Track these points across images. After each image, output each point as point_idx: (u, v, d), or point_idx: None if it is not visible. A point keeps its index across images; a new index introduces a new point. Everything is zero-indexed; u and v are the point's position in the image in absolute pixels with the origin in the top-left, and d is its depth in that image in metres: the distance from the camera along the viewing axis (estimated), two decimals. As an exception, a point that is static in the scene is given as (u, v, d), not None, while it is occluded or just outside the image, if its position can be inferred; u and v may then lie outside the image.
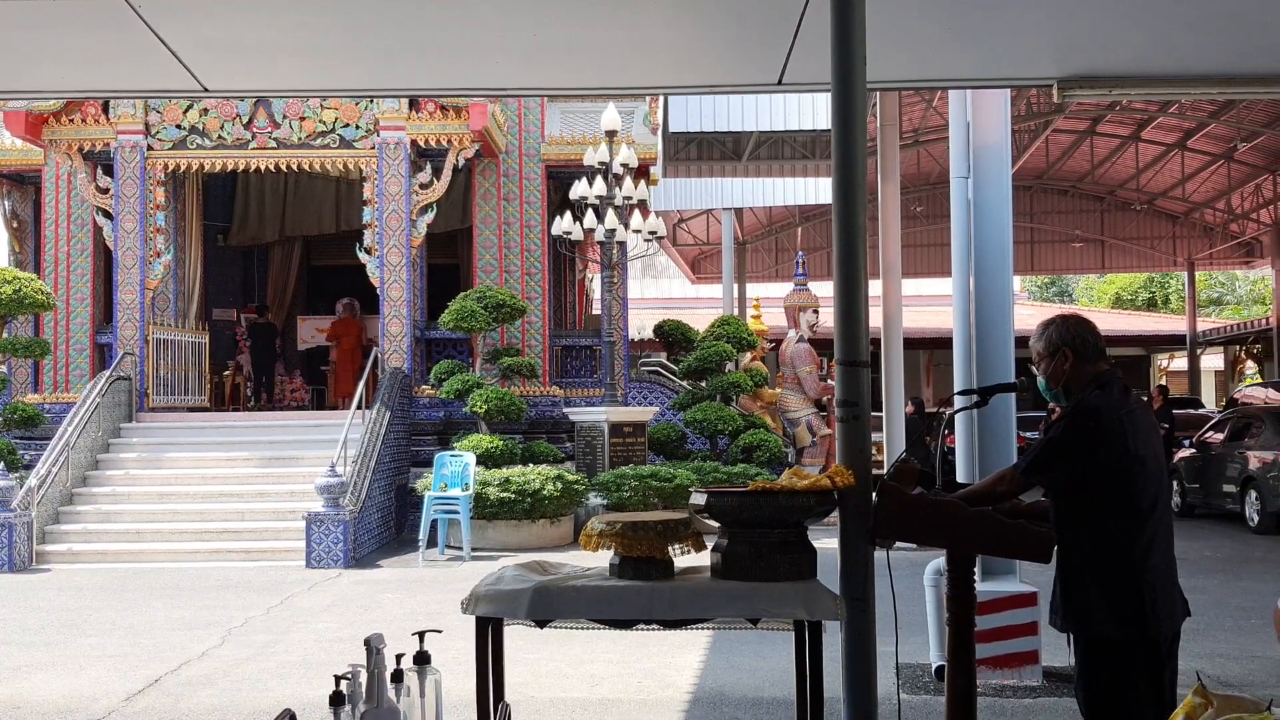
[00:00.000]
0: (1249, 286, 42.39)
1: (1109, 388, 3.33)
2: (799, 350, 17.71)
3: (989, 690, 5.83)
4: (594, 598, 3.43)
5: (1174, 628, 3.30)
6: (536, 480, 12.52)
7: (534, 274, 17.02)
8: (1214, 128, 24.01)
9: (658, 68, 4.63)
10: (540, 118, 17.15)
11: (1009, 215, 6.27)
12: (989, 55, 4.40)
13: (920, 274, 28.83)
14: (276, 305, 19.57)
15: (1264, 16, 4.00)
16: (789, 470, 3.71)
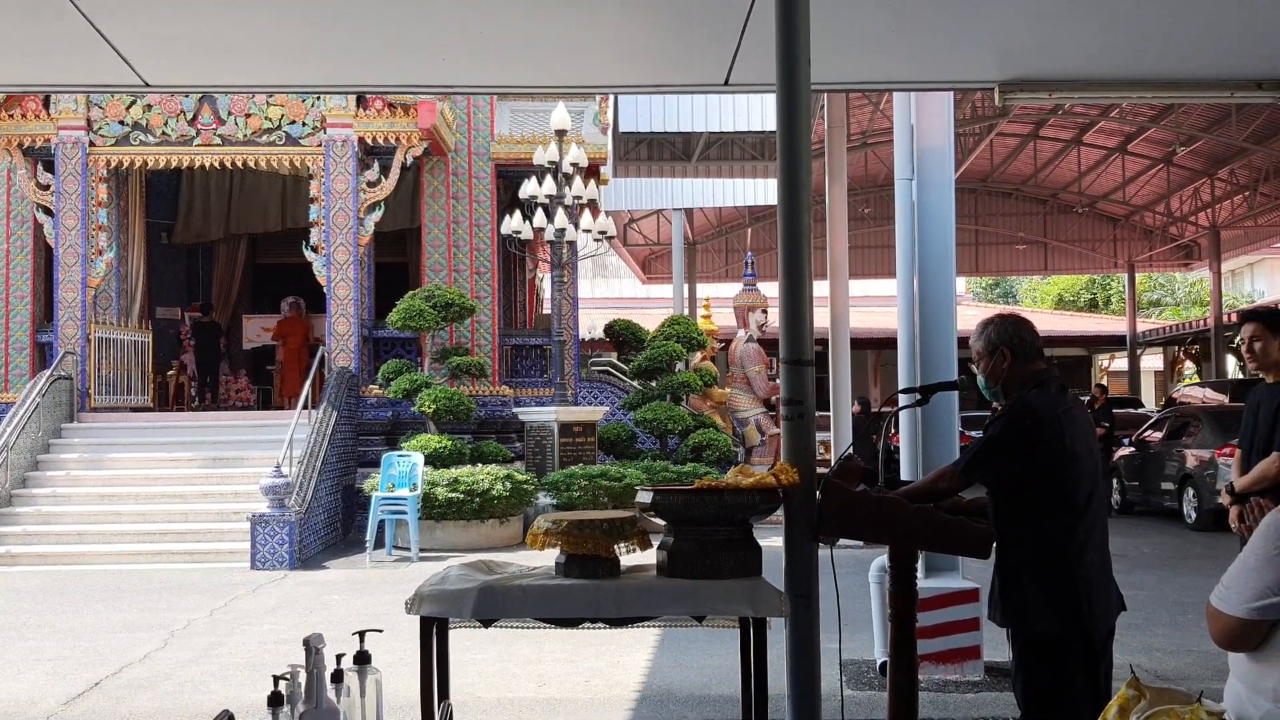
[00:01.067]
0: (1188, 288, 43.27)
1: (1046, 386, 3.39)
2: (748, 350, 17.82)
3: (932, 685, 5.91)
4: (539, 597, 3.43)
5: (1109, 623, 3.36)
6: (485, 480, 12.48)
7: (483, 273, 16.96)
8: (1154, 132, 24.49)
9: (606, 67, 4.64)
10: (489, 116, 17.09)
11: (952, 217, 6.35)
12: (932, 58, 4.46)
13: (868, 275, 29.11)
14: (221, 304, 19.33)
15: (1201, 22, 4.09)
16: (735, 468, 3.73)
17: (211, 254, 19.58)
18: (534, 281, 22.44)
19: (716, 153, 17.76)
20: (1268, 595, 2.19)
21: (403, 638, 4.05)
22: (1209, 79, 4.67)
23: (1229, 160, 25.61)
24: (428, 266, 16.78)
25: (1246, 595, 2.23)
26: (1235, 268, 39.01)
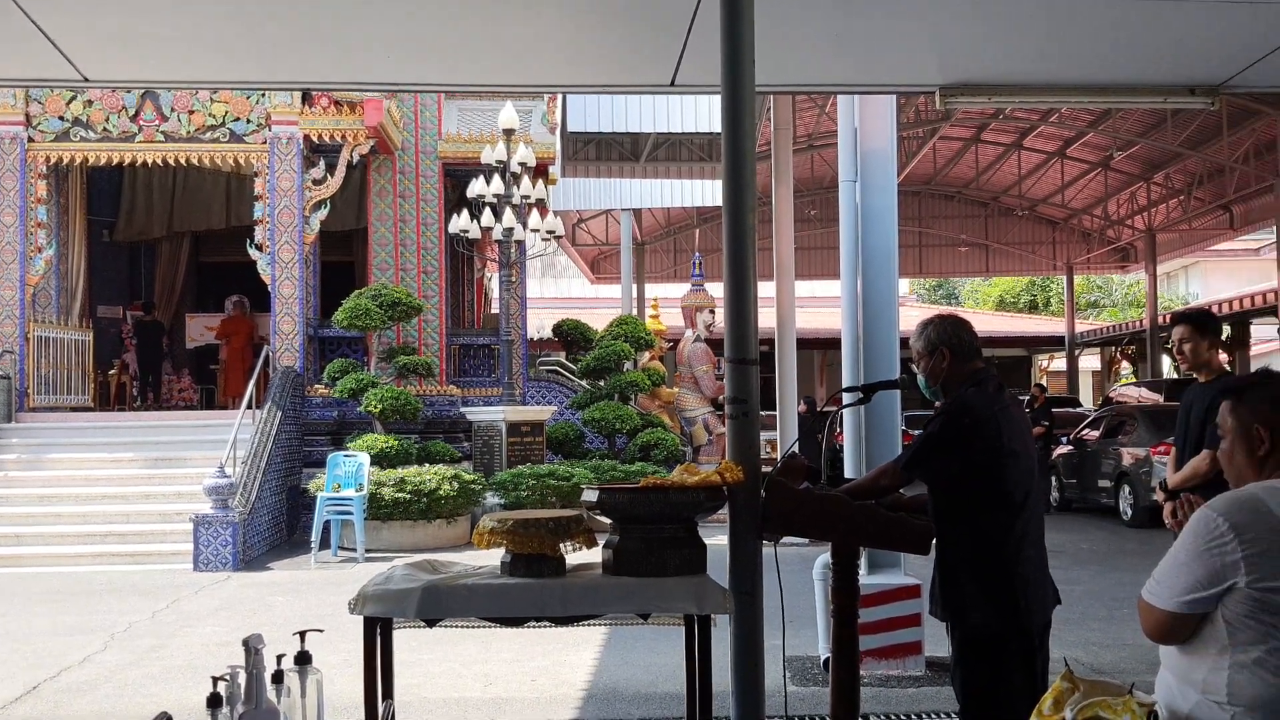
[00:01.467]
0: (1124, 290, 44.09)
1: (984, 385, 3.46)
2: (696, 350, 17.91)
3: (874, 681, 5.99)
4: (485, 596, 3.43)
5: (1045, 617, 3.43)
6: (432, 480, 12.43)
7: (430, 272, 16.86)
8: (1092, 137, 24.93)
9: (553, 66, 4.66)
10: (437, 115, 17.00)
11: (894, 218, 6.44)
12: (875, 62, 4.53)
13: (814, 276, 29.35)
14: (164, 302, 19.03)
15: (1136, 30, 4.19)
16: (680, 467, 3.77)
17: (154, 252, 19.27)
18: (482, 281, 22.36)
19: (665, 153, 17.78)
20: (1197, 589, 2.25)
21: (348, 639, 4.03)
22: (1144, 84, 4.79)
23: (1164, 165, 26.14)
24: (374, 265, 16.65)
25: (1177, 589, 2.28)
26: (1170, 270, 39.82)
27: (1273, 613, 2.15)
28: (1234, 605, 2.21)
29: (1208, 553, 2.23)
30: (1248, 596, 2.18)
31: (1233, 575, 2.19)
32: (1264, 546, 2.17)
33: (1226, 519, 2.23)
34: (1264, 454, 2.36)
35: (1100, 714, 2.27)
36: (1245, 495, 2.28)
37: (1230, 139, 22.49)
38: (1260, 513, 2.21)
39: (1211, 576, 2.22)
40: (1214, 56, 4.42)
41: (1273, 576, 2.16)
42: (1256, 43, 4.22)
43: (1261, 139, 22.51)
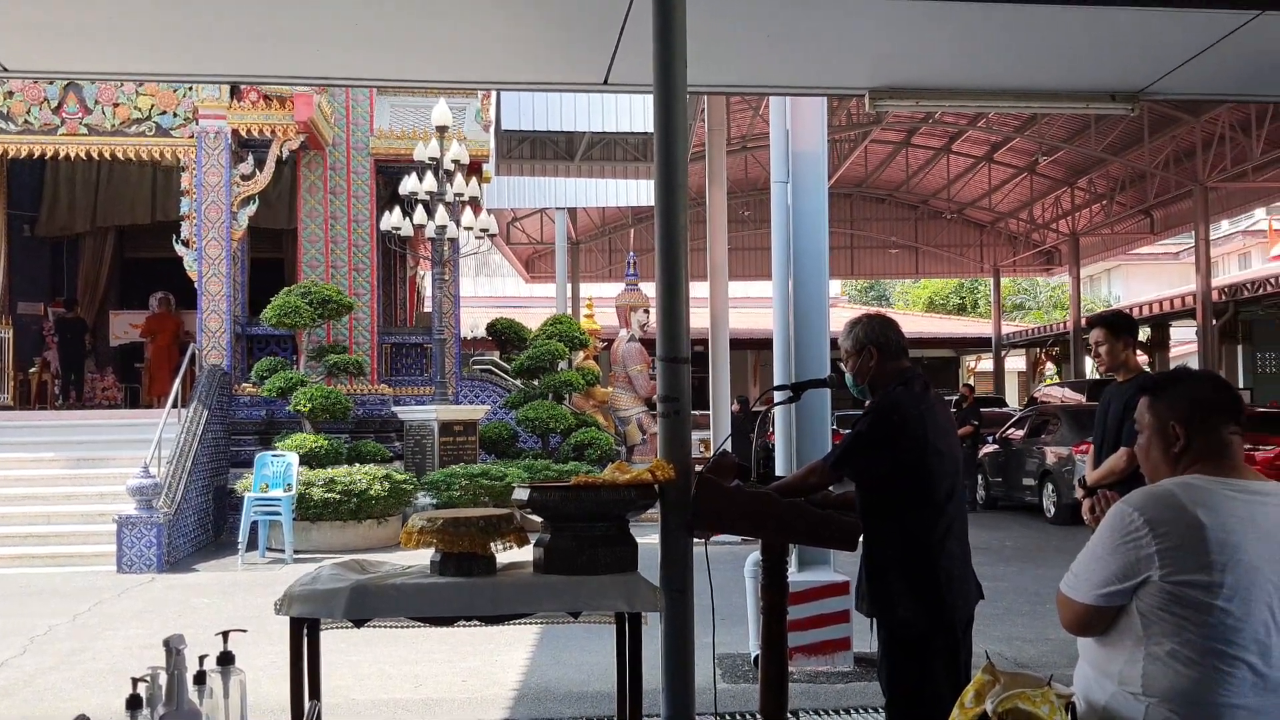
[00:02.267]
0: (1049, 292, 45.04)
1: (911, 384, 3.51)
2: (630, 349, 17.94)
3: (803, 677, 6.06)
4: (414, 596, 3.41)
5: (969, 611, 3.50)
6: (363, 480, 12.29)
7: (362, 270, 16.67)
8: (1018, 142, 25.44)
9: (486, 62, 4.63)
10: (369, 111, 16.82)
11: (825, 219, 6.51)
12: (806, 64, 4.58)
13: (748, 277, 29.55)
14: (87, 299, 18.58)
15: (1060, 37, 4.29)
16: (612, 465, 3.77)
17: (77, 247, 18.80)
18: (415, 279, 22.17)
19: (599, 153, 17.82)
20: (1112, 583, 2.30)
21: (274, 641, 3.98)
22: (1067, 90, 4.91)
23: (1088, 170, 26.76)
24: (304, 262, 16.42)
25: (1094, 583, 2.34)
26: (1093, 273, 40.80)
27: (1185, 606, 2.21)
28: (1148, 598, 2.25)
29: (1123, 547, 2.28)
30: (1161, 590, 2.23)
31: (1147, 569, 2.24)
32: (1177, 541, 2.22)
33: (1142, 514, 2.28)
34: (1179, 450, 2.41)
35: (1020, 705, 2.31)
36: (1160, 491, 2.33)
37: (1151, 145, 23.09)
38: (1175, 508, 2.26)
39: (1127, 570, 2.27)
40: (1134, 64, 4.53)
41: (1186, 570, 2.21)
42: (1174, 51, 4.34)
43: (1181, 146, 23.15)
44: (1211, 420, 2.40)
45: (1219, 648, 2.17)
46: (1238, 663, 2.16)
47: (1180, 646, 2.21)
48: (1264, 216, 34.39)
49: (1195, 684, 2.18)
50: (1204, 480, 2.33)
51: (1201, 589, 2.19)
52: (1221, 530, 2.21)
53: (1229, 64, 4.41)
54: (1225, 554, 2.19)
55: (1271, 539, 2.23)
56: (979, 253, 33.46)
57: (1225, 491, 2.29)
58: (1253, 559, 2.20)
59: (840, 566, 6.38)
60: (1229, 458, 2.38)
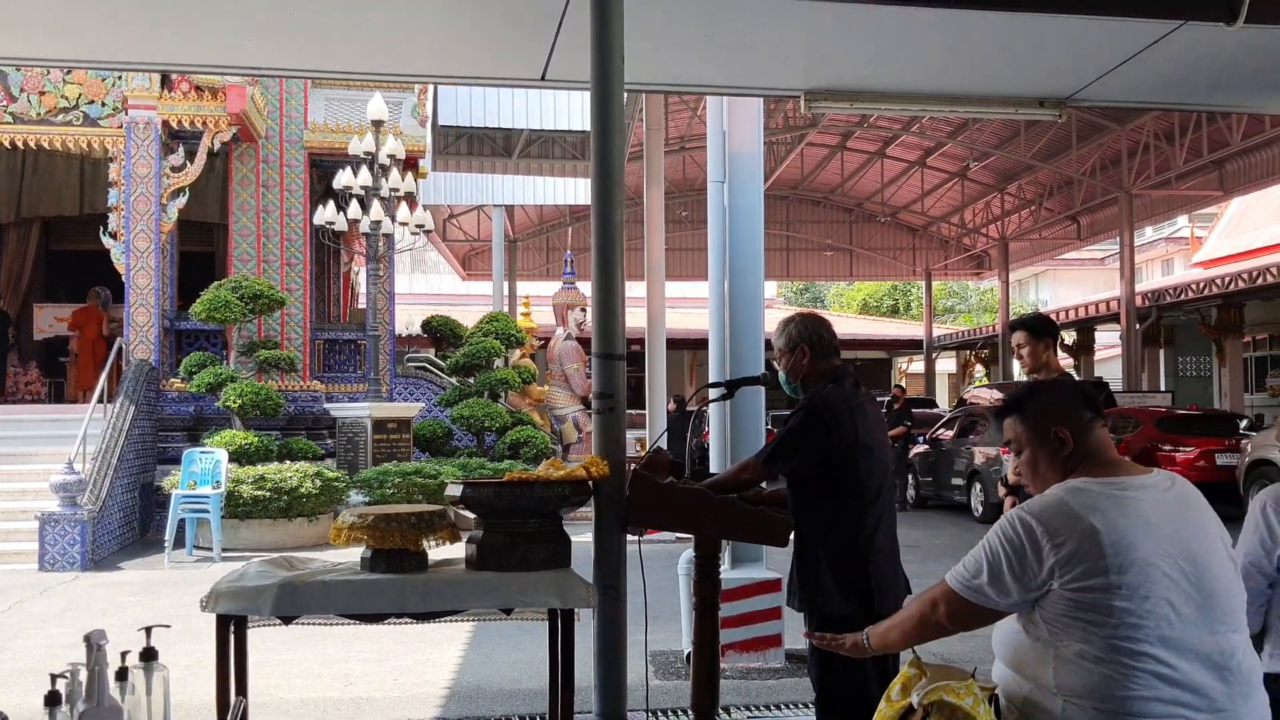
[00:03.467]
0: (979, 296, 45.84)
1: (842, 382, 3.56)
2: (567, 348, 17.92)
3: (735, 673, 6.10)
4: (343, 592, 3.36)
5: (896, 604, 3.53)
6: (294, 477, 12.13)
7: (294, 264, 16.45)
8: (950, 147, 25.85)
9: (422, 55, 4.59)
10: (303, 103, 16.59)
11: (761, 219, 6.56)
12: (742, 64, 4.60)
13: (685, 277, 29.67)
14: (10, 292, 18.11)
15: (991, 43, 4.36)
16: (546, 461, 3.77)
17: (1, 239, 18.31)
18: (349, 275, 21.92)
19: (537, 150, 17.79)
20: (1012, 593, 2.31)
21: (200, 640, 3.90)
22: (997, 95, 5.00)
23: (1017, 176, 27.27)
24: (235, 256, 16.16)
25: (991, 587, 2.34)
26: (1022, 278, 41.57)
27: (1087, 609, 2.23)
28: (1051, 606, 2.28)
29: (1023, 558, 2.29)
30: (1062, 597, 2.26)
31: (1049, 580, 2.27)
32: (1074, 548, 2.25)
33: (1040, 524, 2.30)
34: (1068, 454, 2.43)
35: (944, 698, 2.34)
36: (1054, 500, 2.34)
37: (1078, 153, 23.60)
38: (1070, 516, 2.28)
39: (1027, 583, 2.29)
40: (1062, 70, 4.63)
41: (1085, 576, 2.23)
42: (1101, 58, 4.44)
43: (1107, 153, 23.69)
44: (1084, 418, 2.45)
45: (1124, 645, 2.21)
46: (1144, 658, 2.21)
47: (1087, 646, 2.24)
48: (1186, 224, 35.31)
49: (1106, 680, 2.22)
50: (1090, 483, 2.35)
51: (1101, 591, 2.22)
52: (1114, 532, 2.24)
53: (1153, 72, 4.52)
54: (1120, 555, 2.23)
55: (1159, 531, 2.28)
56: (912, 256, 33.93)
57: (1112, 492, 2.32)
58: (1146, 555, 2.24)
59: (772, 564, 6.43)
60: (1107, 454, 2.44)
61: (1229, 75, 4.64)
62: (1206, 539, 2.34)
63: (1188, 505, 2.38)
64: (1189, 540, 2.31)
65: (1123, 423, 14.75)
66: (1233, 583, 2.35)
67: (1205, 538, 2.34)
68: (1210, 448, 13.99)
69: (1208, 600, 2.27)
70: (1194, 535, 2.33)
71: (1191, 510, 2.38)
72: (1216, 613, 2.27)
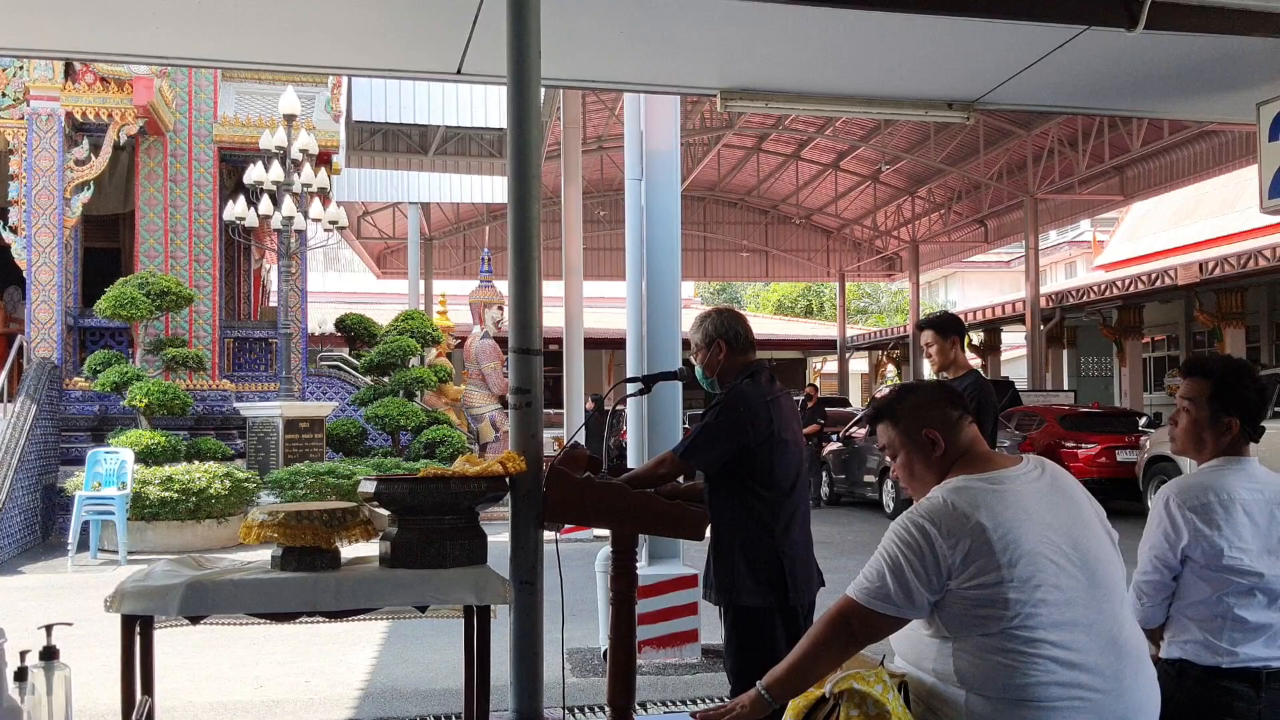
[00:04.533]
0: (890, 297, 46.63)
1: (757, 377, 3.60)
2: (484, 346, 17.81)
3: (652, 669, 6.12)
4: (253, 591, 3.29)
5: (811, 596, 3.60)
6: (202, 478, 11.86)
7: (203, 261, 16.09)
8: (863, 151, 26.26)
9: (334, 46, 4.53)
10: (213, 96, 16.24)
11: (678, 217, 6.60)
12: (659, 62, 4.63)
13: (603, 277, 29.68)
14: (-101, 287, 17.39)
15: (901, 47, 4.45)
16: (462, 457, 3.74)
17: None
18: (260, 272, 21.50)
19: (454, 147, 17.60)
20: (915, 597, 2.33)
21: (107, 643, 3.80)
22: (908, 98, 5.10)
23: (927, 180, 27.81)
24: (142, 252, 15.75)
25: (895, 594, 2.35)
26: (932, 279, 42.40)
27: (983, 604, 2.28)
28: (949, 606, 2.33)
29: (920, 562, 2.32)
30: (960, 597, 2.31)
31: (947, 580, 2.31)
32: (968, 547, 2.30)
33: (933, 525, 2.34)
34: (941, 454, 2.49)
35: (855, 685, 2.37)
36: (940, 502, 2.38)
37: (985, 157, 24.16)
38: (959, 517, 2.33)
39: (926, 587, 2.32)
40: (970, 74, 4.75)
41: (979, 574, 2.28)
42: (1008, 62, 4.56)
43: (1013, 159, 24.29)
44: (952, 416, 2.51)
45: (1020, 634, 2.26)
46: (1040, 644, 2.27)
47: (985, 639, 2.29)
48: (1089, 228, 36.36)
49: (1006, 671, 2.27)
50: (970, 480, 2.40)
51: (994, 586, 2.27)
52: (1000, 527, 2.30)
53: (1058, 76, 4.66)
54: (1008, 549, 2.28)
55: (1040, 519, 2.34)
56: (825, 258, 34.38)
57: (991, 487, 2.38)
58: (1031, 545, 2.30)
59: (689, 560, 6.47)
60: (977, 449, 2.50)
61: (1130, 80, 4.80)
62: (1082, 519, 2.41)
63: (1060, 489, 2.45)
64: (1067, 523, 2.37)
65: (1028, 420, 15.14)
66: (1111, 558, 2.42)
67: (1081, 518, 2.41)
68: (1111, 444, 14.43)
69: (1092, 579, 2.34)
70: (1071, 517, 2.39)
71: (1064, 493, 2.44)
72: (1101, 590, 2.35)
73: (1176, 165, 21.72)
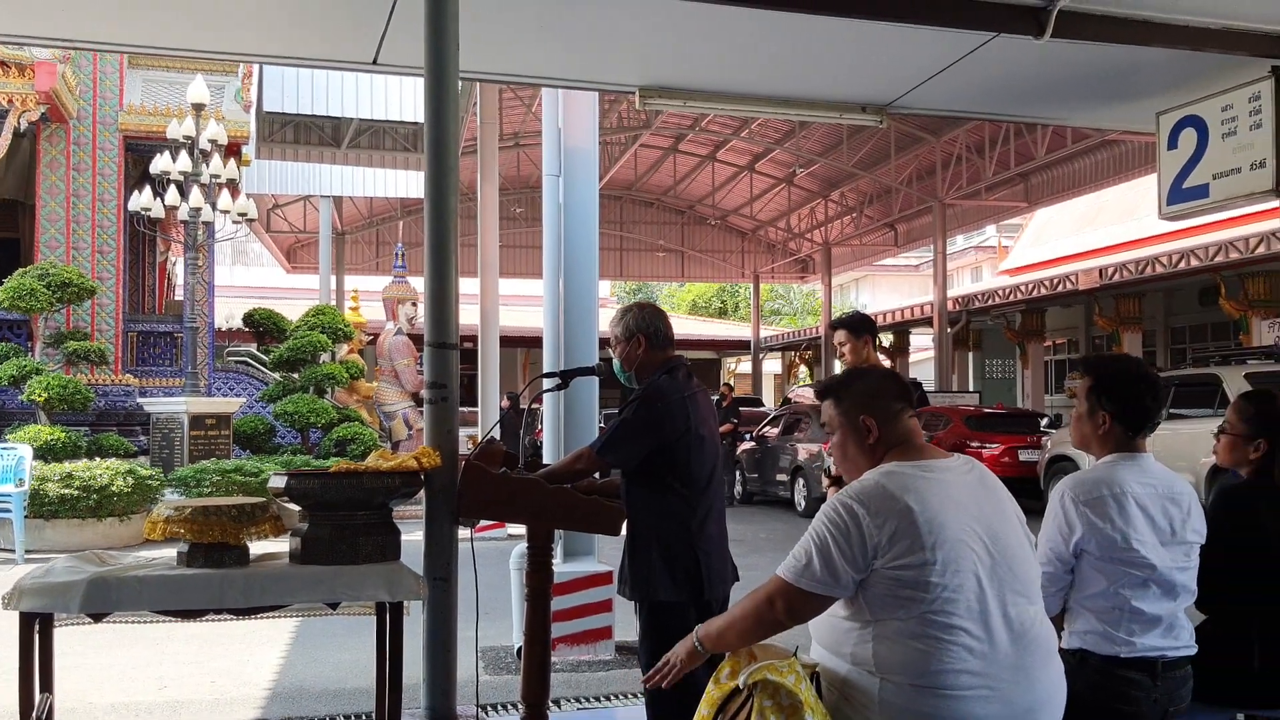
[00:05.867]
0: (803, 299, 47.22)
1: (675, 373, 3.62)
2: (397, 343, 17.60)
3: (566, 666, 6.12)
4: (158, 588, 3.22)
5: (725, 590, 3.63)
6: (104, 475, 11.52)
7: (107, 252, 15.63)
8: (778, 154, 26.56)
9: (246, 32, 4.43)
10: (119, 84, 15.79)
11: (595, 214, 6.59)
12: (578, 57, 4.63)
13: (520, 274, 29.53)
14: None
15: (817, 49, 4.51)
16: (375, 452, 3.70)
17: None
18: (166, 264, 20.96)
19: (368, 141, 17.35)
20: (842, 576, 2.38)
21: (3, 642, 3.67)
22: (823, 99, 5.18)
23: (840, 184, 28.24)
24: (42, 242, 15.24)
25: (824, 574, 2.40)
26: (843, 282, 43.04)
27: (906, 586, 2.35)
28: (873, 586, 2.38)
29: (848, 540, 2.38)
30: (884, 577, 2.36)
31: (871, 560, 2.37)
32: (894, 527, 2.36)
33: (863, 507, 2.40)
34: (874, 441, 2.57)
35: (769, 676, 2.40)
36: (871, 483, 2.45)
37: (896, 162, 24.61)
38: (887, 498, 2.40)
39: (853, 565, 2.38)
40: (883, 78, 4.83)
41: (904, 554, 2.35)
42: (920, 67, 4.66)
43: (923, 164, 24.79)
44: (893, 408, 2.58)
45: (939, 620, 2.33)
46: (957, 631, 2.33)
47: (904, 624, 2.35)
48: (995, 233, 37.26)
49: (922, 656, 2.33)
50: (903, 466, 2.48)
51: (917, 568, 2.33)
52: (927, 511, 2.37)
53: (968, 82, 4.77)
54: (934, 533, 2.35)
55: (965, 510, 2.42)
56: (740, 259, 34.69)
57: (922, 474, 2.46)
58: (956, 532, 2.37)
59: (604, 557, 6.47)
60: (914, 441, 2.57)
61: (1037, 87, 4.94)
62: (1004, 517, 2.50)
63: (986, 486, 2.53)
64: (990, 518, 2.45)
65: (934, 420, 15.46)
66: (1029, 557, 2.51)
67: (1003, 516, 2.50)
68: (1014, 444, 14.82)
69: (1009, 574, 2.42)
70: (994, 514, 2.47)
71: (989, 491, 2.53)
72: (1017, 585, 2.43)
73: (1079, 173, 22.37)
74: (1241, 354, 12.17)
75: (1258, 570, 3.09)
